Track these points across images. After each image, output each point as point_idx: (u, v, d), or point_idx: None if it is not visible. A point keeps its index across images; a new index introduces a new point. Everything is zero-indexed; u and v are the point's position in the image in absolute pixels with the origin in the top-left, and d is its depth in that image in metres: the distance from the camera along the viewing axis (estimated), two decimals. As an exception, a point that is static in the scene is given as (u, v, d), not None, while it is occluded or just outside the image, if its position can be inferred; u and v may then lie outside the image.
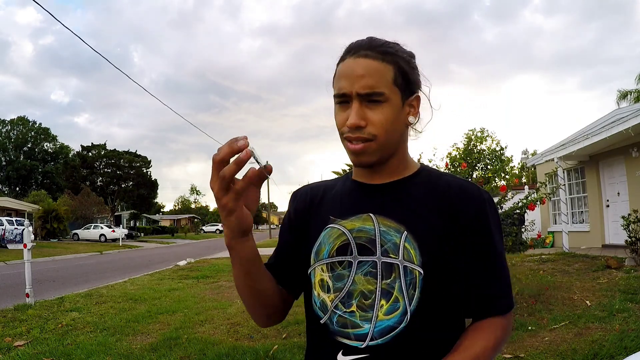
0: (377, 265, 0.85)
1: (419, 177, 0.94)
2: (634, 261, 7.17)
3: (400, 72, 0.88)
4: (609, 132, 8.62)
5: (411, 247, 0.85)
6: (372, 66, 0.86)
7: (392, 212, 0.89)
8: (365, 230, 0.88)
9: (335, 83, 0.90)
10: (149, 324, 5.55)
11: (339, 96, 0.88)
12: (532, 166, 15.67)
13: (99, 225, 33.43)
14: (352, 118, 0.85)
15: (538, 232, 11.19)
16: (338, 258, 0.89)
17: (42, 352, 4.39)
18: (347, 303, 0.86)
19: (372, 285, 0.85)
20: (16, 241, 21.06)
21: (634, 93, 21.48)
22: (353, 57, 0.87)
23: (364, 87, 0.85)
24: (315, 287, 0.92)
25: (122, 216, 47.98)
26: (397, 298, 0.84)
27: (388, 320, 0.84)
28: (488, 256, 0.88)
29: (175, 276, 10.50)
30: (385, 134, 0.87)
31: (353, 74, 0.86)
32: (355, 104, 0.86)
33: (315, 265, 0.92)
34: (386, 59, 0.87)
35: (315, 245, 0.93)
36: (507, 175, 36.92)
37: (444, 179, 0.93)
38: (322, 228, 0.93)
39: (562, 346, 3.79)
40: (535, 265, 8.40)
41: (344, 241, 0.89)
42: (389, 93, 0.86)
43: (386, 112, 0.86)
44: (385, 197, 0.92)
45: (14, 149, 60.47)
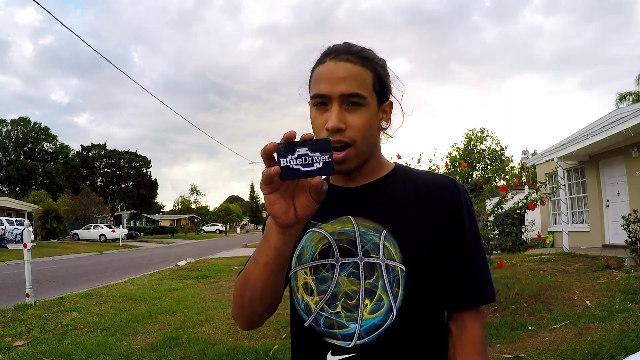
0: (360, 266, 0.87)
1: (394, 177, 0.96)
2: (634, 261, 7.17)
3: (377, 78, 0.90)
4: (609, 132, 8.62)
5: (391, 245, 0.87)
6: (353, 70, 0.87)
7: (370, 213, 0.91)
8: (346, 232, 0.90)
9: (313, 85, 0.90)
10: (149, 324, 5.55)
11: (318, 97, 0.88)
12: (532, 166, 15.67)
13: (99, 225, 33.42)
14: (332, 121, 0.85)
15: (538, 232, 11.19)
16: (321, 261, 0.90)
17: (42, 352, 4.39)
18: (332, 304, 0.87)
19: (355, 285, 0.86)
20: (16, 241, 21.06)
21: (633, 95, 21.47)
22: (333, 61, 0.88)
23: (347, 89, 0.85)
24: (298, 290, 0.93)
25: (122, 216, 47.97)
26: (381, 296, 0.85)
27: (373, 319, 0.85)
28: (469, 248, 0.90)
29: (175, 276, 10.49)
30: (363, 138, 0.88)
31: (334, 77, 0.86)
32: (335, 106, 0.86)
33: (297, 269, 0.93)
34: (366, 64, 0.89)
35: (297, 249, 0.94)
36: (507, 175, 36.91)
37: (422, 178, 0.95)
38: (303, 232, 0.93)
39: (562, 346, 3.79)
40: (535, 265, 8.40)
41: (326, 244, 0.90)
42: (369, 97, 0.88)
43: (365, 117, 0.87)
44: (363, 199, 0.94)
45: (14, 149, 60.46)
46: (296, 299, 0.93)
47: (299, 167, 0.69)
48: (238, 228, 70.55)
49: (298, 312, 0.93)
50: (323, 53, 0.92)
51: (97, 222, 35.25)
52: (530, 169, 21.10)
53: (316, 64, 0.92)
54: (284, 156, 0.69)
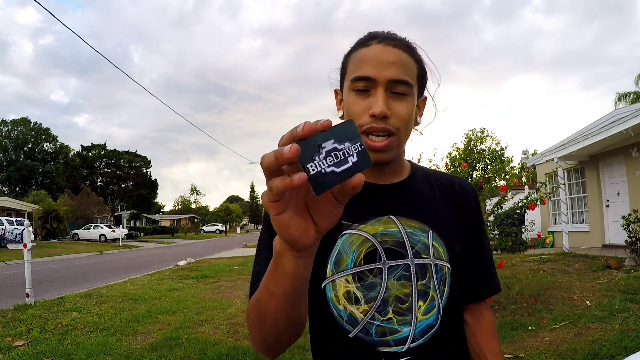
0: (411, 268, 0.83)
1: (417, 176, 0.95)
2: (634, 261, 7.17)
3: (420, 69, 0.87)
4: (609, 132, 8.63)
5: (439, 245, 0.87)
6: (402, 56, 0.83)
7: (412, 212, 0.88)
8: (390, 233, 0.85)
9: (355, 67, 0.83)
10: (149, 324, 5.55)
11: (362, 80, 0.81)
12: (532, 166, 15.67)
13: (99, 225, 33.42)
14: (379, 106, 0.79)
15: (538, 232, 11.20)
16: (367, 266, 0.83)
17: (42, 352, 4.39)
18: (384, 311, 0.82)
19: (407, 288, 0.83)
20: (16, 241, 21.06)
21: (632, 95, 21.47)
22: (381, 44, 0.83)
23: (396, 74, 0.81)
24: (339, 301, 0.83)
25: (122, 216, 47.97)
26: (433, 296, 0.84)
27: (427, 320, 0.84)
28: (485, 245, 0.97)
29: (175, 276, 10.49)
30: (406, 129, 0.84)
31: (383, 60, 0.81)
32: (380, 91, 0.80)
33: (336, 277, 0.84)
34: (412, 53, 0.85)
35: (332, 254, 0.84)
36: (507, 175, 36.92)
37: (443, 178, 0.97)
38: (335, 235, 0.85)
39: (562, 346, 3.79)
40: (535, 265, 8.40)
41: (370, 247, 0.83)
42: (414, 85, 0.84)
43: (409, 107, 0.83)
44: (399, 197, 0.90)
45: (15, 149, 60.47)
46: (337, 310, 0.84)
47: (332, 168, 0.48)
48: (238, 228, 70.55)
49: (339, 324, 0.84)
50: (366, 36, 0.87)
51: (97, 222, 35.25)
52: (530, 169, 21.12)
53: (356, 46, 0.86)
54: (311, 159, 0.47)
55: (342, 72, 0.88)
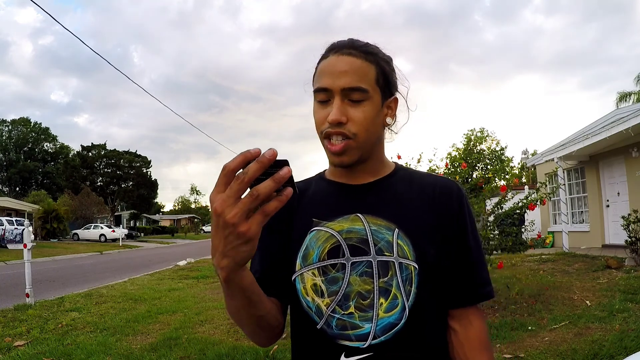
0: (373, 265, 0.85)
1: (397, 176, 0.96)
2: (634, 261, 7.17)
3: (381, 72, 0.89)
4: (609, 132, 8.63)
5: (404, 244, 0.86)
6: (355, 64, 0.86)
7: (380, 210, 0.90)
8: (355, 230, 0.87)
9: (316, 79, 0.90)
10: (149, 324, 5.55)
11: (320, 90, 0.87)
12: (532, 166, 15.66)
13: (99, 225, 33.43)
14: (333, 114, 0.84)
15: (538, 232, 11.19)
16: (330, 261, 0.86)
17: (42, 352, 4.39)
18: (345, 305, 0.84)
19: (369, 285, 0.84)
20: (16, 241, 21.06)
21: (634, 95, 21.47)
22: (336, 55, 0.87)
23: (348, 82, 0.84)
24: (307, 293, 0.88)
25: (122, 216, 47.98)
26: (396, 295, 0.84)
27: (389, 318, 0.84)
28: (471, 249, 0.92)
29: (175, 276, 10.50)
30: (366, 132, 0.87)
31: (336, 70, 0.86)
32: (337, 100, 0.85)
33: (303, 270, 0.88)
34: (369, 58, 0.88)
35: (300, 249, 0.90)
36: (507, 175, 36.92)
37: (426, 179, 0.96)
38: (305, 231, 0.90)
39: (562, 346, 3.79)
40: (535, 265, 8.40)
41: (334, 243, 0.87)
42: (371, 91, 0.86)
43: (367, 111, 0.86)
44: (370, 196, 0.92)
45: (15, 149, 60.48)
46: (305, 302, 0.88)
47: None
48: (238, 228, 70.35)
49: (309, 314, 0.88)
50: (327, 48, 0.91)
51: (97, 222, 35.26)
52: (530, 169, 21.13)
53: (320, 59, 0.91)
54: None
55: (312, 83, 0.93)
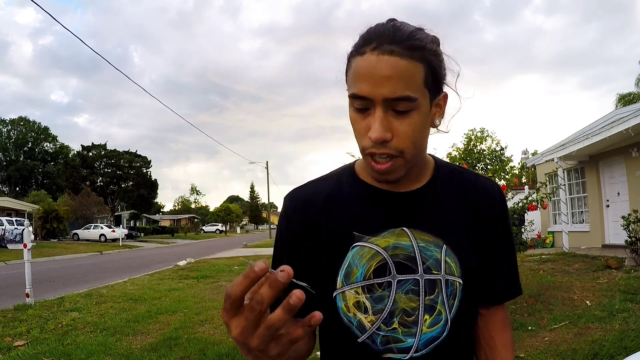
0: (420, 283, 0.81)
1: (441, 178, 0.89)
2: (634, 261, 7.17)
3: (430, 70, 0.75)
4: (609, 132, 8.63)
5: (452, 261, 0.83)
6: (400, 66, 0.71)
7: (427, 224, 0.84)
8: (402, 246, 0.82)
9: (352, 82, 0.75)
10: (149, 324, 5.55)
11: (359, 99, 0.74)
12: (532, 166, 15.66)
13: (99, 225, 33.43)
14: (375, 131, 0.73)
15: (538, 232, 11.21)
16: (376, 280, 0.81)
17: (42, 352, 4.39)
18: (389, 322, 0.81)
19: (414, 302, 0.81)
20: (16, 241, 21.06)
21: (635, 96, 21.46)
22: (375, 53, 0.72)
23: (392, 91, 0.71)
24: (349, 310, 0.83)
25: (122, 216, 47.98)
26: (440, 311, 0.82)
27: (432, 332, 0.82)
28: (509, 249, 0.92)
29: (175, 276, 10.50)
30: (414, 146, 0.77)
31: (376, 75, 0.71)
32: (379, 111, 0.73)
33: (346, 289, 0.83)
34: (415, 55, 0.72)
35: (342, 267, 0.83)
36: (507, 175, 36.92)
37: (467, 179, 0.91)
38: (346, 247, 0.83)
39: (562, 346, 3.79)
40: (535, 265, 8.40)
41: (381, 261, 0.82)
42: (420, 98, 0.74)
43: (415, 122, 0.75)
44: (415, 207, 0.85)
45: (15, 149, 60.48)
46: (346, 317, 0.83)
47: None
48: (238, 228, 70.57)
49: (350, 329, 0.84)
50: (362, 38, 0.75)
51: (97, 222, 35.26)
52: (530, 169, 21.13)
53: (353, 51, 0.76)
54: None
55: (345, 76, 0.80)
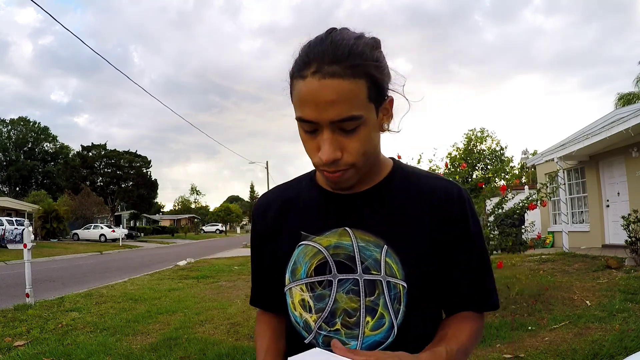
0: (359, 283, 0.82)
1: (395, 180, 0.89)
2: (634, 261, 7.17)
3: (373, 83, 0.75)
4: (609, 132, 8.63)
5: (392, 262, 0.82)
6: (343, 88, 0.71)
7: (370, 224, 0.85)
8: (343, 246, 0.84)
9: (297, 105, 0.76)
10: (149, 324, 5.55)
11: (306, 122, 0.76)
12: (532, 166, 15.66)
13: (99, 225, 33.43)
14: (325, 153, 0.75)
15: (538, 232, 11.19)
16: (317, 278, 0.84)
17: (42, 352, 4.39)
18: (331, 322, 0.83)
19: (355, 303, 0.82)
20: (16, 241, 21.06)
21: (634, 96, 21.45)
22: (317, 77, 0.72)
23: (337, 114, 0.72)
24: (295, 308, 0.87)
25: (122, 216, 47.97)
26: (382, 314, 0.82)
27: (375, 336, 0.82)
28: (475, 254, 0.88)
29: (175, 276, 10.50)
30: (364, 157, 0.79)
31: (321, 100, 0.72)
32: (326, 134, 0.74)
33: (292, 285, 0.87)
34: (357, 73, 0.72)
35: (289, 264, 0.88)
36: (507, 175, 36.92)
37: (425, 181, 0.89)
38: (294, 245, 0.88)
39: (562, 346, 3.79)
40: (535, 265, 8.40)
41: (321, 259, 0.84)
42: (365, 113, 0.75)
43: (363, 136, 0.76)
44: (361, 208, 0.86)
45: (14, 149, 60.47)
46: (294, 317, 0.88)
47: None
48: (238, 228, 70.60)
49: (297, 329, 0.87)
50: (302, 59, 0.75)
51: (97, 222, 35.26)
52: (530, 169, 21.13)
53: (295, 72, 0.76)
54: None
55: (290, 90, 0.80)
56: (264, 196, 1.00)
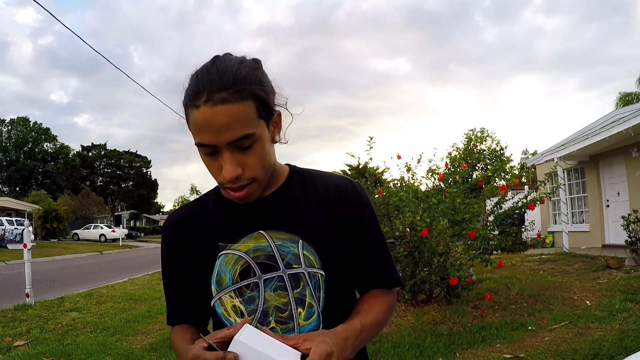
0: (285, 278, 0.87)
1: (294, 182, 0.96)
2: (634, 261, 7.17)
3: (260, 102, 0.82)
4: (609, 132, 8.63)
5: (310, 253, 0.89)
6: (233, 112, 0.78)
7: (281, 224, 0.91)
8: (261, 248, 0.89)
9: (195, 132, 0.82)
10: (149, 324, 5.56)
11: (205, 147, 0.82)
12: (532, 166, 15.65)
13: (99, 225, 33.44)
14: (228, 172, 0.81)
15: (538, 232, 11.19)
16: (243, 282, 0.88)
17: (42, 352, 4.39)
18: (265, 321, 0.87)
19: (284, 298, 0.87)
20: (16, 241, 21.05)
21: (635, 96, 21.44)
22: (209, 105, 0.78)
23: (232, 135, 0.79)
24: (229, 314, 0.90)
25: (122, 216, 48.00)
26: (311, 303, 0.88)
27: (309, 325, 0.88)
28: (374, 240, 0.97)
29: (175, 276, 10.48)
30: (263, 170, 0.86)
31: (216, 125, 0.78)
32: (226, 154, 0.81)
33: (221, 295, 0.90)
34: (244, 96, 0.80)
35: (213, 275, 0.91)
36: (507, 175, 36.94)
37: (320, 180, 0.97)
38: (214, 257, 0.91)
39: (562, 346, 3.79)
40: (535, 265, 8.40)
41: (244, 264, 0.89)
42: (257, 130, 0.82)
43: (259, 150, 0.83)
44: (269, 211, 0.92)
45: (14, 149, 60.49)
46: (229, 323, 0.90)
47: None
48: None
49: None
50: (192, 90, 0.81)
51: (97, 222, 35.27)
52: (530, 169, 21.12)
53: (188, 102, 0.81)
54: None
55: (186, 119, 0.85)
56: (171, 216, 1.02)
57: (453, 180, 6.15)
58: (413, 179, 6.06)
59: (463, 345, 4.03)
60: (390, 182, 6.33)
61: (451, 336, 4.24)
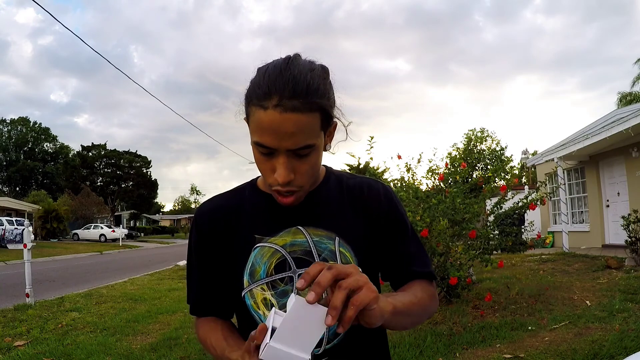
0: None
1: (330, 182, 0.99)
2: (634, 261, 7.17)
3: (324, 114, 0.83)
4: (609, 132, 8.63)
5: (346, 251, 0.91)
6: (301, 122, 0.78)
7: (319, 221, 0.93)
8: (298, 243, 0.90)
9: (255, 130, 0.82)
10: (149, 324, 5.56)
11: (264, 147, 0.82)
12: (532, 166, 15.66)
13: (99, 225, 33.44)
14: (281, 176, 0.82)
15: (538, 232, 11.19)
16: (278, 276, 0.89)
17: (42, 352, 4.39)
18: None
19: None
20: (16, 241, 21.05)
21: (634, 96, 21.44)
22: (278, 111, 0.77)
23: (295, 144, 0.80)
24: (258, 307, 0.91)
25: (122, 216, 47.99)
26: None
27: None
28: (409, 237, 0.99)
29: (175, 276, 10.50)
30: (312, 178, 0.88)
31: (281, 131, 0.78)
32: (282, 158, 0.81)
33: (252, 286, 0.91)
34: (313, 107, 0.79)
35: (246, 267, 0.92)
36: (507, 175, 36.93)
37: (353, 181, 1.00)
38: (249, 249, 0.92)
39: (562, 346, 3.79)
40: (535, 265, 8.40)
41: (280, 258, 0.90)
42: (317, 141, 0.83)
43: (314, 160, 0.85)
44: (307, 208, 0.93)
45: (15, 149, 60.48)
46: (257, 315, 0.91)
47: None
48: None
49: None
50: (262, 89, 0.79)
51: (97, 222, 35.27)
52: (530, 169, 21.12)
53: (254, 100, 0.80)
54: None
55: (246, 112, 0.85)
56: (205, 204, 1.01)
57: (453, 180, 6.15)
58: (413, 179, 6.07)
59: (463, 345, 4.03)
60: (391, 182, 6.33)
61: (451, 336, 4.25)
